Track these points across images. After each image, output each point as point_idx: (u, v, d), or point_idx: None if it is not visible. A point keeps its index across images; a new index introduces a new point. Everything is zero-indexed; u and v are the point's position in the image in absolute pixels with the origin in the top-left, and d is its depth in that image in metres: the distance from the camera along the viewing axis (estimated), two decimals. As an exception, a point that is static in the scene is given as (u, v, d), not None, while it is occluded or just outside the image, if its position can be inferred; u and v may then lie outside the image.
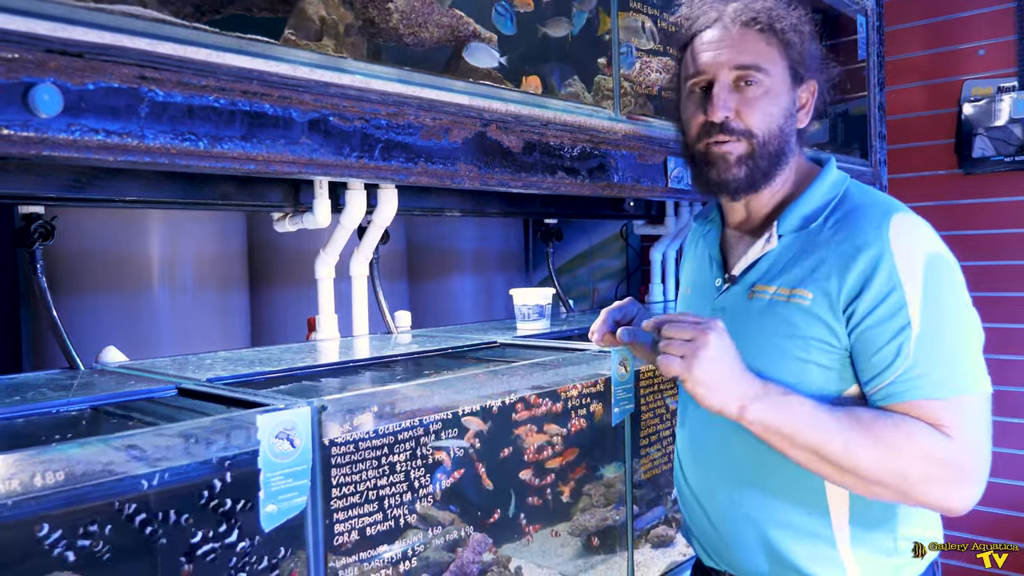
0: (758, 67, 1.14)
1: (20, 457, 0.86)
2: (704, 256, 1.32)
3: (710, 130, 1.17)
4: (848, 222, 1.11)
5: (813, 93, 1.21)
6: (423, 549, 1.36)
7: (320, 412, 1.16)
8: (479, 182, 1.66)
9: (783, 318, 1.11)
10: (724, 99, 1.14)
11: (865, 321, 1.05)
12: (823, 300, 1.08)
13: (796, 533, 1.14)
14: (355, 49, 1.52)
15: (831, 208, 1.15)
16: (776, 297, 1.13)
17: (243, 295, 2.75)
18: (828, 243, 1.11)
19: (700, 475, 1.26)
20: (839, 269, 1.08)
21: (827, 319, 1.08)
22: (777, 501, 1.15)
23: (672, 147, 2.15)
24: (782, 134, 1.17)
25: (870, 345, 1.05)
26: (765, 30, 1.15)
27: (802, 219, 1.16)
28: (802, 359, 1.09)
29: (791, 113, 1.18)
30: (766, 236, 1.17)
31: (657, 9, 2.25)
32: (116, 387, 1.35)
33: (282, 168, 1.32)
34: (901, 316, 1.03)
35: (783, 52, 1.16)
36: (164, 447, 0.98)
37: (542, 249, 2.99)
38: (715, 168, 1.17)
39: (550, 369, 1.64)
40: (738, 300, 1.19)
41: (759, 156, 1.16)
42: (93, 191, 1.49)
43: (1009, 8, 3.16)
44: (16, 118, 0.99)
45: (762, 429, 1.04)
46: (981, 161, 3.13)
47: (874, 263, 1.05)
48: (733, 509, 1.19)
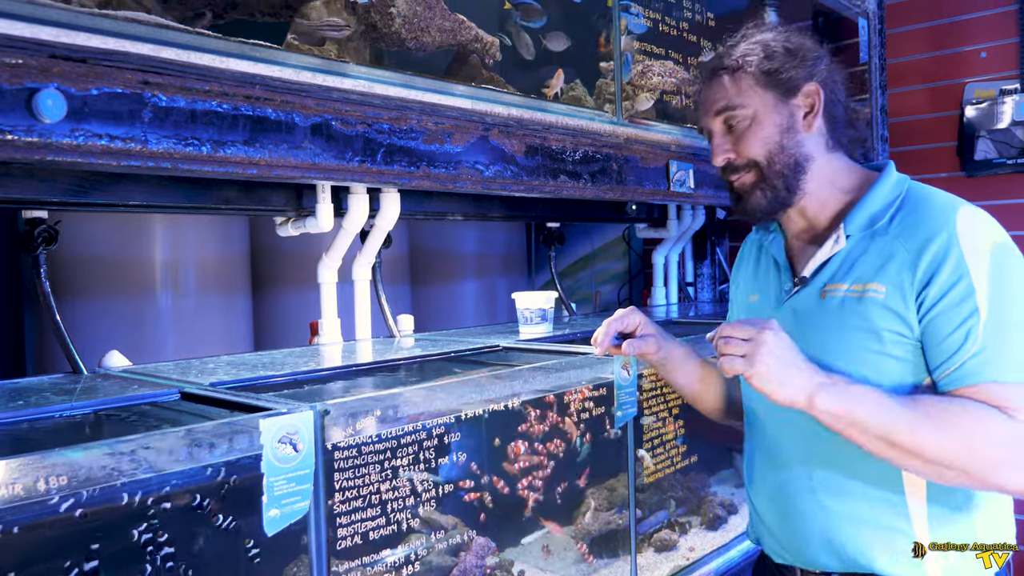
0: (732, 106, 1.23)
1: (23, 461, 0.86)
2: (768, 263, 1.36)
3: (723, 172, 1.29)
4: (915, 216, 1.16)
5: (817, 93, 1.24)
6: (426, 553, 1.36)
7: (323, 416, 1.16)
8: (481, 186, 1.66)
9: (858, 313, 1.14)
10: (718, 144, 1.27)
11: (935, 308, 1.08)
12: (896, 293, 1.12)
13: (876, 528, 1.16)
14: (357, 54, 1.53)
15: (896, 206, 1.19)
16: (849, 294, 1.17)
17: (246, 299, 2.75)
18: (897, 238, 1.15)
19: (775, 479, 1.29)
20: (910, 261, 1.11)
21: (900, 311, 1.11)
22: (858, 494, 1.18)
23: (674, 150, 2.16)
24: (785, 149, 1.23)
25: (940, 331, 1.08)
26: (734, 69, 1.24)
27: (869, 218, 1.20)
28: (878, 352, 1.12)
29: (789, 126, 1.23)
30: (834, 237, 1.21)
31: (659, 13, 2.26)
32: (119, 391, 1.35)
33: (285, 172, 1.32)
34: (969, 303, 1.07)
35: (758, 80, 1.22)
36: (167, 451, 0.98)
37: (544, 253, 2.99)
38: (741, 202, 1.28)
39: (553, 373, 1.63)
40: (810, 301, 1.23)
41: (770, 177, 1.23)
42: (96, 196, 1.49)
43: (1011, 10, 3.16)
44: (20, 123, 1.00)
45: (832, 418, 1.07)
46: (983, 164, 3.13)
47: (943, 252, 1.09)
48: (811, 503, 1.22)
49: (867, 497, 1.16)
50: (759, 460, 1.34)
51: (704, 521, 2.22)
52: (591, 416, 1.74)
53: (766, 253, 1.37)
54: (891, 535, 1.15)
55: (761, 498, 1.33)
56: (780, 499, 1.27)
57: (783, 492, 1.26)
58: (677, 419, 2.03)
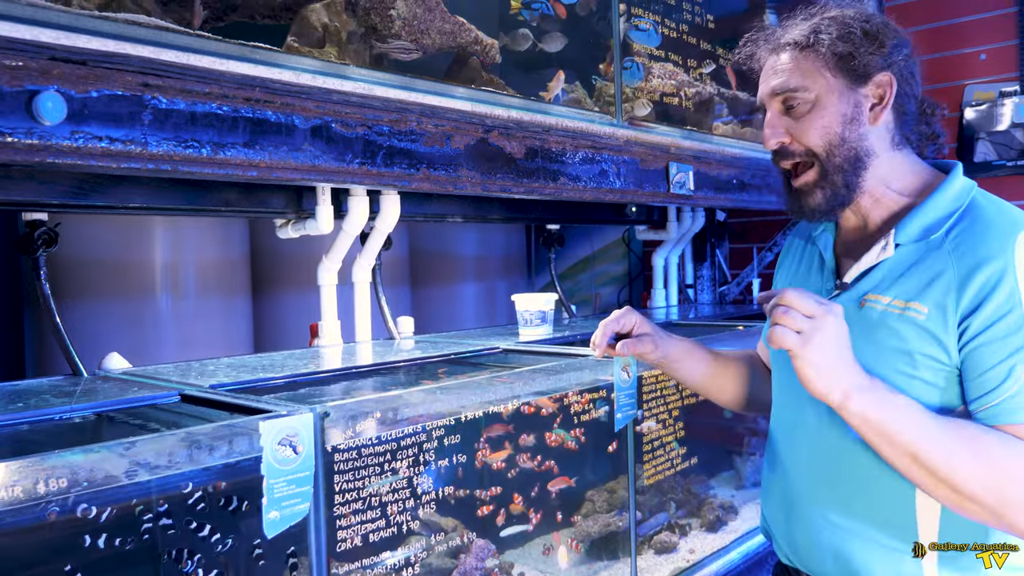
0: (795, 88, 1.15)
1: (23, 464, 0.86)
2: (814, 258, 1.28)
3: (774, 157, 1.20)
4: (972, 234, 1.06)
5: (890, 85, 1.15)
6: (426, 555, 1.36)
7: (323, 418, 1.16)
8: (481, 188, 1.66)
9: (895, 332, 1.08)
10: (773, 126, 1.17)
11: (979, 338, 1.01)
12: (938, 315, 1.04)
13: (879, 548, 1.11)
14: (357, 56, 1.53)
15: (955, 218, 1.09)
16: (890, 309, 1.09)
17: (246, 301, 2.75)
18: (949, 256, 1.06)
19: (783, 475, 1.25)
20: (958, 283, 1.03)
21: (939, 335, 1.04)
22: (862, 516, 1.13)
23: (674, 152, 2.16)
24: (846, 141, 1.14)
25: (982, 363, 1.01)
26: (803, 47, 1.15)
27: (923, 229, 1.11)
28: (909, 375, 1.06)
29: (853, 118, 1.14)
30: (882, 244, 1.13)
31: (659, 15, 2.26)
32: (119, 394, 1.35)
33: (285, 175, 1.32)
34: (1017, 337, 0.99)
35: (828, 62, 1.14)
36: (167, 454, 0.98)
37: (544, 254, 2.99)
38: (797, 201, 1.19)
39: (553, 375, 1.63)
40: (848, 308, 1.12)
41: (831, 172, 1.14)
42: (96, 198, 1.50)
43: (1011, 12, 3.16)
44: (20, 125, 1.00)
45: (862, 422, 1.00)
46: (983, 166, 3.13)
47: (996, 279, 1.01)
48: (815, 513, 1.18)
49: (876, 518, 1.11)
50: (768, 460, 1.31)
51: (704, 523, 2.22)
52: (591, 417, 1.73)
53: (812, 246, 1.30)
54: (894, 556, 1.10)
55: (771, 499, 1.30)
56: (787, 504, 1.24)
57: (788, 498, 1.23)
58: (677, 421, 2.03)
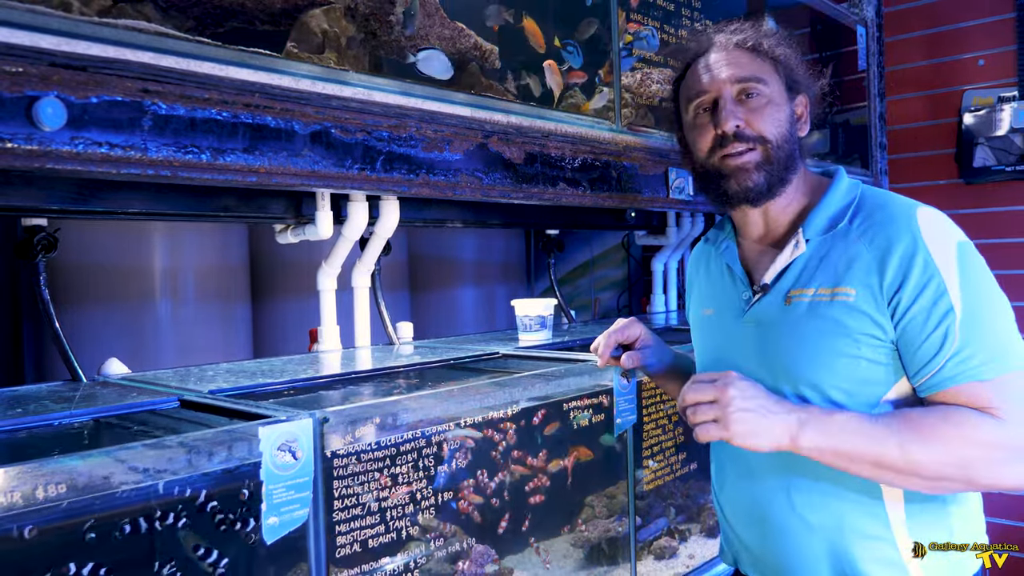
0: (757, 79, 1.21)
1: (22, 469, 0.86)
2: (722, 273, 1.32)
3: (722, 142, 1.21)
4: (875, 219, 1.15)
5: (807, 105, 1.28)
6: (425, 561, 1.36)
7: (322, 424, 1.16)
8: (480, 194, 1.66)
9: (828, 317, 1.13)
10: (731, 110, 1.20)
11: (910, 311, 1.08)
12: (867, 295, 1.10)
13: (860, 538, 1.14)
14: (357, 62, 1.53)
15: (853, 209, 1.18)
16: (817, 298, 1.15)
17: (245, 307, 2.75)
18: (859, 240, 1.14)
19: (750, 494, 1.25)
20: (877, 263, 1.10)
21: (872, 314, 1.10)
22: (838, 506, 1.16)
23: (673, 158, 2.16)
24: (791, 139, 1.23)
25: (917, 334, 1.07)
26: (757, 49, 1.23)
27: (829, 220, 1.19)
28: (852, 355, 1.11)
29: (793, 121, 1.25)
30: (793, 242, 1.20)
31: (658, 22, 2.26)
32: (118, 399, 1.35)
33: (284, 180, 1.32)
34: (944, 302, 1.06)
35: (775, 67, 1.23)
36: (166, 459, 0.98)
37: (544, 260, 2.99)
38: (733, 179, 1.21)
39: (552, 380, 1.63)
40: (773, 309, 1.20)
41: (775, 159, 1.20)
42: (96, 203, 1.50)
43: (1009, 18, 3.17)
44: (20, 131, 1.00)
45: (819, 453, 1.06)
46: (982, 171, 3.13)
47: (910, 255, 1.08)
48: (792, 520, 1.19)
49: (847, 507, 1.14)
50: (730, 471, 1.30)
51: (704, 528, 2.21)
52: (590, 423, 1.73)
53: (717, 263, 1.34)
54: (876, 544, 1.13)
55: (737, 514, 1.29)
56: (759, 518, 1.24)
57: (761, 510, 1.23)
58: (676, 426, 2.03)
